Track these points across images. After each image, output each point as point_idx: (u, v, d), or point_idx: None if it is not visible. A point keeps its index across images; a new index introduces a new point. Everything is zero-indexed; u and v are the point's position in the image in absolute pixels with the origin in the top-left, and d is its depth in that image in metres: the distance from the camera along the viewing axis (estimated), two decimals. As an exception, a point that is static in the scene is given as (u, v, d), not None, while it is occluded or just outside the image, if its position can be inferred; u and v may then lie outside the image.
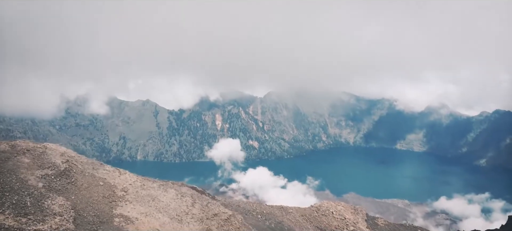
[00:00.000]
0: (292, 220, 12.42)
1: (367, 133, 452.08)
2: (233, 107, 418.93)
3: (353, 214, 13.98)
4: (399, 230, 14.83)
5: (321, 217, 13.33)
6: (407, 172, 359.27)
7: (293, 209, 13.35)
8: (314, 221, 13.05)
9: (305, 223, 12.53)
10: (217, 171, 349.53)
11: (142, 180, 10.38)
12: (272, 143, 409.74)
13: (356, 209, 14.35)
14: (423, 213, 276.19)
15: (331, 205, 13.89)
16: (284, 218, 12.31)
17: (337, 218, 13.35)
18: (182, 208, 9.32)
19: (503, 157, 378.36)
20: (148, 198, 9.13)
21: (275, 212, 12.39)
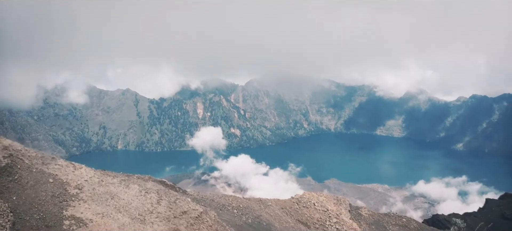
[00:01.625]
0: (271, 214, 11.76)
1: (347, 120, 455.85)
2: (214, 96, 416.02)
3: (335, 205, 13.46)
4: (384, 220, 14.42)
5: (303, 210, 12.76)
6: (387, 157, 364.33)
7: (272, 202, 12.66)
8: (295, 214, 12.45)
9: (285, 217, 11.90)
10: (199, 160, 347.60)
11: (100, 175, 9.44)
12: (254, 131, 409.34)
13: (338, 199, 13.84)
14: (402, 197, 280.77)
15: (313, 196, 13.32)
16: (262, 212, 11.65)
17: (319, 210, 12.82)
18: (146, 206, 8.44)
19: (480, 141, 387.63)
20: (106, 195, 8.24)
21: (252, 206, 11.70)
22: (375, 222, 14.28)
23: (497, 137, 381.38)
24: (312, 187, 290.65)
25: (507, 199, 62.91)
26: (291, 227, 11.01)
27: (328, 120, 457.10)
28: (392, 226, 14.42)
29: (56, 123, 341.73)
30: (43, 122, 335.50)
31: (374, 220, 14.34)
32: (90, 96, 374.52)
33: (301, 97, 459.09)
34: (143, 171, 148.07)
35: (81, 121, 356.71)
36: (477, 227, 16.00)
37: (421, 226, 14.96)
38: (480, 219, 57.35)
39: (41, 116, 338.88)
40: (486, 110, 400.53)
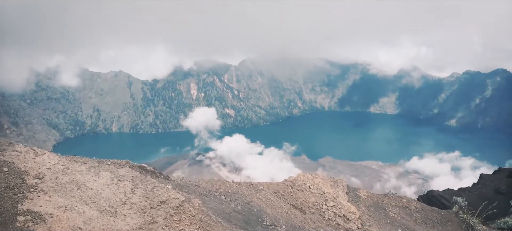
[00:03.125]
0: (262, 199, 11.03)
1: (341, 98, 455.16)
2: (208, 76, 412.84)
3: (332, 187, 12.78)
4: (383, 201, 13.85)
5: (297, 193, 12.06)
6: (381, 135, 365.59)
7: (264, 186, 11.94)
8: (289, 199, 11.73)
9: (278, 202, 11.17)
10: (193, 140, 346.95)
11: (66, 162, 8.51)
12: (248, 111, 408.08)
13: (335, 181, 13.15)
14: (396, 173, 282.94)
15: (308, 178, 12.63)
16: (253, 197, 10.91)
17: (315, 193, 12.14)
18: (118, 196, 7.56)
19: (473, 117, 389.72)
20: (71, 185, 7.37)
21: (243, 191, 10.95)
22: (374, 204, 13.55)
23: (490, 112, 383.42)
24: (307, 165, 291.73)
25: (501, 174, 62.64)
26: (285, 213, 10.21)
27: (322, 98, 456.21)
28: (392, 207, 13.69)
29: (49, 106, 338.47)
30: (36, 105, 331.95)
31: (373, 202, 13.61)
32: (82, 79, 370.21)
33: (295, 77, 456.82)
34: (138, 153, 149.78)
35: (74, 104, 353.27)
36: (480, 206, 15.47)
37: (422, 207, 14.29)
38: (475, 194, 57.09)
39: (33, 100, 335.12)
40: (479, 86, 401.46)
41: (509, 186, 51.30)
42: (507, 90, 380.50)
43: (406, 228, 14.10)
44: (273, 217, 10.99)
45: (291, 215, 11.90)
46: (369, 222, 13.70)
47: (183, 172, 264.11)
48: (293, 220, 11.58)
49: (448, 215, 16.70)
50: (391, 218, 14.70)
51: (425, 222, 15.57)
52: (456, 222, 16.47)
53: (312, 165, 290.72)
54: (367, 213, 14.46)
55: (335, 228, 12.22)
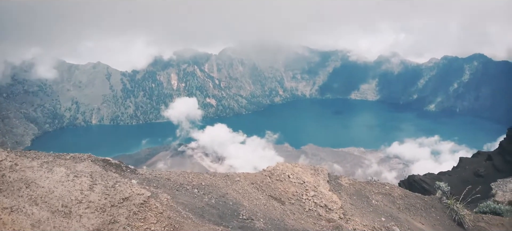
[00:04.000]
0: (239, 191, 10.48)
1: (322, 85, 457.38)
2: (188, 66, 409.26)
3: (313, 175, 12.35)
4: (365, 189, 13.52)
5: (276, 183, 11.55)
6: (362, 121, 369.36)
7: (241, 177, 11.35)
8: (267, 189, 11.21)
9: (255, 193, 10.64)
10: (175, 131, 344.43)
11: (15, 158, 7.71)
12: (230, 100, 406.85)
13: (316, 169, 12.73)
14: (377, 159, 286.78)
15: (287, 167, 12.14)
16: (229, 190, 10.36)
17: (295, 182, 11.68)
18: (74, 194, 6.86)
19: (451, 101, 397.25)
20: (19, 184, 6.68)
21: (217, 183, 10.37)
22: (357, 192, 13.12)
23: (468, 96, 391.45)
24: (290, 153, 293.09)
25: (479, 157, 63.57)
26: (263, 205, 9.66)
27: (303, 86, 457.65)
28: (374, 195, 13.32)
29: (26, 99, 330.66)
30: (12, 99, 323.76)
31: (356, 190, 13.20)
32: (59, 71, 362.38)
33: (276, 65, 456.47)
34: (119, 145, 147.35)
35: (52, 97, 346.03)
36: (462, 190, 15.41)
37: (405, 193, 13.98)
38: (455, 177, 57.62)
39: (10, 93, 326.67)
40: (457, 71, 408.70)
41: (488, 168, 51.95)
42: (484, 75, 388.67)
43: (389, 215, 13.61)
44: (250, 209, 10.29)
45: (269, 206, 11.23)
46: (351, 211, 13.16)
47: (165, 163, 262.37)
48: (272, 212, 10.91)
49: (432, 201, 16.34)
50: (374, 206, 14.21)
51: (409, 209, 15.16)
52: (439, 208, 16.13)
53: (295, 153, 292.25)
54: (349, 201, 13.92)
55: (316, 219, 11.60)
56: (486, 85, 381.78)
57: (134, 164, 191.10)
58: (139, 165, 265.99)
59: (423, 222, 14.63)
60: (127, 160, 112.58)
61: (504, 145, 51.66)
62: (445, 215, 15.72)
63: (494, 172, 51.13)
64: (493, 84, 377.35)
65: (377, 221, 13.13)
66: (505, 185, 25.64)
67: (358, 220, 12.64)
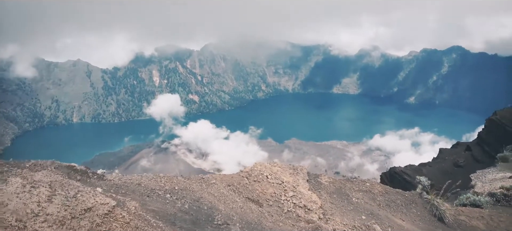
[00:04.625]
0: (215, 194, 10.07)
1: (304, 80, 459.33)
2: (170, 62, 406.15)
3: (292, 175, 12.06)
4: (346, 187, 13.31)
5: (253, 184, 11.21)
6: (344, 114, 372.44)
7: (217, 179, 10.94)
8: (244, 191, 10.85)
9: (232, 196, 10.27)
10: (158, 128, 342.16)
11: None
12: (212, 96, 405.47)
13: (295, 168, 12.45)
14: (359, 151, 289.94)
15: (265, 167, 11.81)
16: (204, 193, 9.95)
17: (273, 183, 11.36)
18: (30, 206, 6.39)
19: (431, 93, 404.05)
20: None
21: (192, 187, 9.95)
22: (337, 190, 12.90)
23: (446, 88, 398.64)
24: (273, 148, 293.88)
25: (458, 148, 64.31)
26: (240, 208, 9.31)
27: (285, 81, 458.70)
28: (355, 192, 13.12)
29: (5, 98, 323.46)
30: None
31: (336, 188, 12.97)
32: (38, 69, 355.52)
33: (258, 60, 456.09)
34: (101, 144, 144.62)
35: (31, 96, 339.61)
36: (441, 182, 15.43)
37: (386, 190, 13.86)
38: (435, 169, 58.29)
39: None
40: (436, 63, 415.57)
41: (467, 159, 52.59)
42: (462, 67, 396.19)
43: (370, 213, 13.38)
44: (226, 214, 9.86)
45: (246, 209, 10.83)
46: (331, 211, 12.87)
47: (148, 160, 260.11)
48: (249, 215, 10.52)
49: (412, 197, 16.21)
50: (355, 204, 13.96)
51: (389, 206, 14.97)
52: (420, 204, 16.00)
53: (278, 147, 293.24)
54: (330, 200, 13.63)
55: (295, 221, 11.26)
56: (464, 77, 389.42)
57: (117, 162, 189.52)
58: (122, 163, 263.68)
59: (404, 219, 14.46)
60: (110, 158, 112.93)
61: (483, 136, 52.35)
62: (426, 211, 15.61)
63: (473, 162, 51.82)
64: (471, 76, 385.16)
65: (358, 219, 12.89)
66: (484, 176, 25.81)
67: (338, 220, 12.37)
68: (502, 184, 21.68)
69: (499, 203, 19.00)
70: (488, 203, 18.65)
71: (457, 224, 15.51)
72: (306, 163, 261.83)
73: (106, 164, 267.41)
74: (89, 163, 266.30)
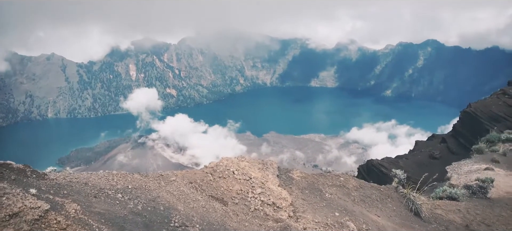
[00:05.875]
0: (174, 193, 9.26)
1: (282, 73, 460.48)
2: (146, 56, 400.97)
3: (261, 170, 11.40)
4: (319, 181, 12.76)
5: (218, 181, 10.46)
6: (322, 108, 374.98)
7: (178, 176, 10.11)
8: (207, 189, 10.08)
9: (193, 194, 9.49)
10: (135, 122, 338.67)
11: None
12: (190, 90, 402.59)
13: (265, 163, 11.80)
14: (337, 144, 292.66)
15: (232, 162, 11.12)
16: (161, 192, 9.14)
17: (240, 179, 10.66)
18: None
19: (407, 86, 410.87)
20: None
21: (148, 185, 9.12)
22: (309, 185, 12.26)
23: (422, 81, 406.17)
24: (252, 141, 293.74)
25: (434, 140, 65.05)
26: (201, 207, 8.49)
27: (263, 74, 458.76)
28: (328, 187, 12.51)
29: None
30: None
31: (308, 184, 12.33)
32: (11, 64, 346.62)
33: (236, 54, 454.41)
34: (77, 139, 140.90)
35: (4, 91, 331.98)
36: (417, 174, 15.13)
37: (361, 184, 13.33)
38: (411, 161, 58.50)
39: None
40: (412, 56, 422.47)
41: (443, 151, 52.94)
42: (437, 60, 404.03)
43: (343, 209, 12.66)
44: (185, 214, 8.91)
45: (209, 209, 9.91)
46: (303, 208, 12.07)
47: (126, 155, 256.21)
48: (211, 215, 9.59)
49: (388, 191, 15.62)
50: (328, 199, 13.22)
51: (364, 201, 14.31)
52: (396, 198, 15.43)
53: (257, 141, 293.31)
54: (301, 196, 12.85)
55: (262, 220, 10.40)
56: (439, 70, 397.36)
57: (93, 157, 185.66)
58: (99, 158, 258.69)
59: (379, 214, 13.82)
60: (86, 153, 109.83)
61: (457, 128, 52.75)
62: (402, 205, 15.03)
63: (448, 154, 52.21)
64: (446, 69, 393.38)
65: (330, 216, 12.14)
66: (459, 168, 25.65)
67: (309, 217, 11.59)
68: (478, 176, 21.48)
69: (475, 195, 18.74)
70: (464, 196, 18.34)
71: (434, 218, 15.03)
72: (285, 156, 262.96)
73: (83, 160, 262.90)
74: (65, 159, 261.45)
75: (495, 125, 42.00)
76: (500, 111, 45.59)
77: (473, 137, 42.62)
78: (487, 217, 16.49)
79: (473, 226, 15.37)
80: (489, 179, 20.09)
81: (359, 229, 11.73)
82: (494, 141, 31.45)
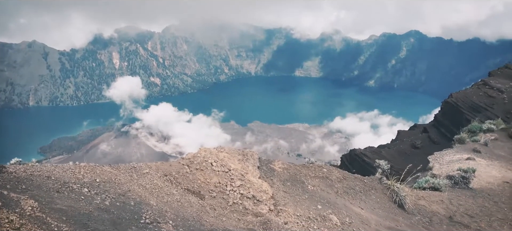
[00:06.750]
0: (146, 187, 8.76)
1: (267, 63, 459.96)
2: (130, 44, 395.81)
3: (241, 161, 10.96)
4: (301, 173, 12.48)
5: (195, 173, 10.01)
6: (306, 97, 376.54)
7: (152, 168, 9.56)
8: (184, 182, 9.61)
9: (168, 187, 9.02)
10: (118, 111, 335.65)
11: None
12: (175, 79, 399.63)
13: (245, 154, 11.34)
14: (321, 134, 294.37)
15: (211, 153, 10.63)
16: (133, 185, 8.64)
17: (218, 171, 10.21)
18: None
19: (389, 77, 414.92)
20: None
21: (118, 178, 8.61)
22: (291, 177, 11.91)
23: (404, 72, 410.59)
24: (236, 130, 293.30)
25: (416, 130, 65.54)
26: (176, 202, 8.03)
27: (248, 64, 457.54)
28: (311, 179, 12.17)
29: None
30: None
31: (290, 175, 11.97)
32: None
33: (221, 43, 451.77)
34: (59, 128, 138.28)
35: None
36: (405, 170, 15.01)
37: (344, 176, 13.05)
38: (394, 150, 58.81)
39: None
40: (395, 47, 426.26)
41: (424, 141, 53.31)
42: (419, 51, 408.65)
43: (326, 202, 12.24)
44: (158, 209, 8.33)
45: (184, 203, 9.34)
46: (284, 201, 11.60)
47: (109, 144, 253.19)
48: (187, 210, 9.03)
49: (372, 183, 15.28)
50: (310, 192, 12.79)
51: (348, 193, 13.93)
52: (379, 189, 15.10)
53: (241, 130, 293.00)
54: (283, 189, 12.38)
55: (241, 214, 9.89)
56: (421, 61, 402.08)
57: (76, 146, 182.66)
58: (81, 147, 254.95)
59: (363, 207, 13.46)
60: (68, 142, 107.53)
61: (439, 118, 53.12)
62: (386, 197, 14.71)
63: (430, 144, 52.67)
64: (428, 59, 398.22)
65: (313, 209, 11.69)
66: (441, 158, 25.63)
67: (291, 211, 11.12)
68: (460, 166, 21.38)
69: (457, 186, 18.60)
70: (447, 186, 18.20)
71: (417, 210, 14.78)
72: (269, 145, 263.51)
73: (65, 149, 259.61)
74: (47, 148, 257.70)
75: (476, 115, 42.27)
76: (481, 101, 45.93)
77: (455, 127, 42.84)
78: (470, 208, 16.35)
79: (457, 218, 15.18)
80: (471, 169, 20.01)
81: (342, 223, 11.35)
82: (476, 131, 31.53)
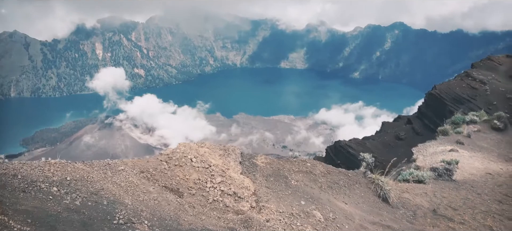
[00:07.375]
0: (121, 184, 8.39)
1: (252, 54, 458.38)
2: (113, 35, 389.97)
3: (222, 157, 10.68)
4: (284, 168, 12.34)
5: (174, 170, 9.68)
6: (291, 89, 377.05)
7: (128, 165, 9.15)
8: (161, 179, 9.26)
9: (144, 185, 8.67)
10: (102, 102, 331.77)
11: None
12: (159, 70, 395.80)
13: (226, 149, 11.06)
14: (306, 125, 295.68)
15: (191, 148, 10.32)
16: (107, 183, 8.27)
17: (198, 167, 9.91)
18: None
19: (374, 69, 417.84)
20: None
21: (91, 176, 8.23)
22: (274, 172, 11.66)
23: (389, 63, 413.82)
24: (221, 122, 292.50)
25: (400, 121, 66.09)
26: (153, 200, 7.70)
27: (233, 55, 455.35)
28: (294, 174, 11.95)
29: None
30: None
31: (273, 170, 11.73)
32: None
33: (206, 34, 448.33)
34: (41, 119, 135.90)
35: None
36: (389, 163, 15.01)
37: (328, 170, 12.88)
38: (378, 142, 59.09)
39: None
40: (380, 39, 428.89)
41: (408, 132, 53.72)
42: (404, 43, 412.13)
43: (309, 197, 11.98)
44: (133, 209, 7.90)
45: (161, 202, 8.92)
46: (266, 197, 11.28)
47: (92, 136, 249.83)
48: (164, 209, 8.62)
49: (356, 177, 15.09)
50: (293, 187, 12.50)
51: (332, 188, 13.70)
52: (364, 184, 14.92)
53: (227, 122, 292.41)
54: (265, 184, 12.06)
55: (221, 212, 9.52)
56: (405, 52, 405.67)
57: (59, 138, 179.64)
58: (64, 139, 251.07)
59: (347, 201, 13.25)
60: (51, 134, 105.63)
61: (422, 109, 53.58)
62: (370, 191, 14.54)
63: (414, 136, 53.11)
64: (412, 51, 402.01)
65: (296, 205, 11.41)
66: (425, 149, 25.66)
67: (273, 207, 10.81)
68: (443, 158, 21.40)
69: (441, 178, 18.58)
70: (431, 178, 18.18)
71: (402, 203, 14.65)
72: (254, 137, 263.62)
73: (48, 141, 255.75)
74: (29, 140, 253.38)
75: (459, 107, 42.59)
76: (464, 93, 46.35)
77: (438, 119, 43.11)
78: (453, 200, 16.30)
79: (440, 210, 15.10)
80: (454, 161, 20.05)
81: (325, 219, 11.10)
82: (459, 123, 31.69)
